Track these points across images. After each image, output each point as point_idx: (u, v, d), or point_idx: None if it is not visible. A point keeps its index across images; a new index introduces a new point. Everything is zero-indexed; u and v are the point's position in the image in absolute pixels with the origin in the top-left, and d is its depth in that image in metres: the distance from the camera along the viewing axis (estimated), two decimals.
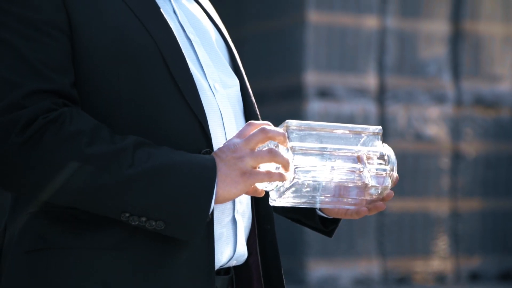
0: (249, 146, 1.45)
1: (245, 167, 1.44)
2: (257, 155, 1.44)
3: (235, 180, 1.44)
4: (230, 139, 1.47)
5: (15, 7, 1.45)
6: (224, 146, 1.46)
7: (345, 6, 5.87)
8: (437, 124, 6.11)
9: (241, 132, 1.47)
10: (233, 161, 1.44)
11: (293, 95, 5.97)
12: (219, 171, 1.44)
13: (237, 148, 1.44)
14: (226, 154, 1.45)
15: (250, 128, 1.47)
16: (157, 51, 1.50)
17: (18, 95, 1.43)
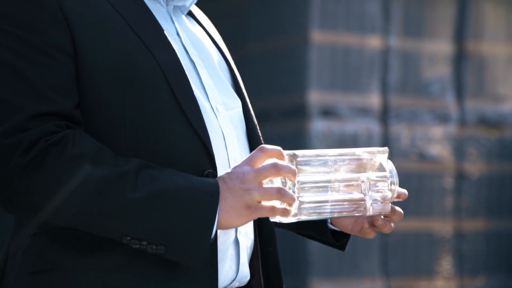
0: (259, 179, 1.44)
1: (251, 201, 1.44)
2: (265, 192, 1.43)
3: (239, 213, 1.44)
4: (240, 165, 1.45)
5: (19, 29, 1.46)
6: (232, 173, 1.45)
7: (348, 26, 5.89)
8: (441, 144, 6.10)
9: (252, 159, 1.45)
10: (240, 192, 1.43)
11: (296, 114, 5.98)
12: (224, 200, 1.44)
13: (246, 179, 1.43)
14: (234, 183, 1.44)
15: (261, 154, 1.45)
16: (161, 73, 1.50)
17: (21, 117, 1.43)
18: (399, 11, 6.02)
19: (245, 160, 1.46)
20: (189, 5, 1.67)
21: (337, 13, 5.92)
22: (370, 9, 5.96)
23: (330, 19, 5.88)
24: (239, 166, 1.46)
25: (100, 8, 1.52)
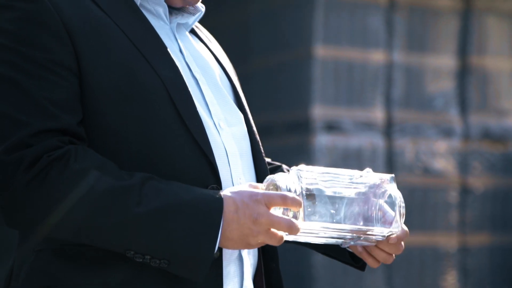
0: (270, 226, 1.45)
1: (255, 242, 1.45)
2: (271, 236, 1.44)
3: (238, 245, 1.46)
4: (256, 199, 1.45)
5: (23, 47, 1.47)
6: (247, 207, 1.45)
7: (352, 40, 5.90)
8: (445, 158, 6.09)
9: (271, 201, 1.45)
10: (247, 232, 1.44)
11: (300, 128, 5.98)
12: (229, 227, 1.44)
13: (259, 222, 1.44)
14: (246, 221, 1.44)
15: (280, 202, 1.46)
16: (164, 90, 1.51)
17: (24, 134, 1.44)
18: (402, 25, 6.02)
19: (262, 196, 1.45)
20: (192, 22, 1.68)
21: (341, 27, 5.93)
22: (374, 24, 5.97)
23: (333, 33, 5.89)
24: (255, 200, 1.45)
25: (104, 26, 1.52)
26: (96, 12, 1.53)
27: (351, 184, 1.48)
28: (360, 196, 1.47)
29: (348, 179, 1.48)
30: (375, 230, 1.47)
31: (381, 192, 1.48)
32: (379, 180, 1.48)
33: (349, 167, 5.93)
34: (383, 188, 1.48)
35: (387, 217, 1.49)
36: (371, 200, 1.47)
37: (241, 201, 1.45)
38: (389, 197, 1.49)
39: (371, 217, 1.47)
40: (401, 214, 1.49)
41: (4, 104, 1.46)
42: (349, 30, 5.94)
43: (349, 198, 1.46)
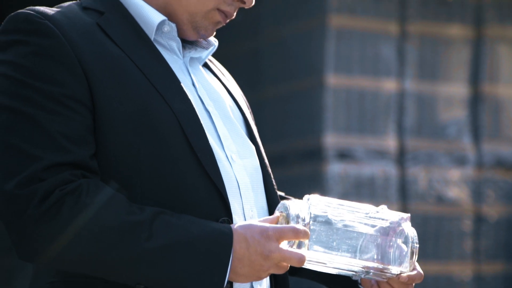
0: (281, 261, 1.46)
1: (265, 275, 1.46)
2: (286, 258, 1.45)
3: (248, 279, 1.46)
4: (267, 235, 1.45)
5: (38, 81, 1.48)
6: (259, 243, 1.45)
7: (363, 69, 5.91)
8: (459, 186, 6.07)
9: (282, 236, 1.46)
10: (258, 268, 1.45)
11: (313, 157, 5.97)
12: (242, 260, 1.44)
13: (270, 258, 1.44)
14: (257, 258, 1.45)
15: (292, 236, 1.46)
16: (177, 123, 1.52)
17: (37, 168, 1.44)
18: (414, 54, 6.03)
19: (273, 232, 1.46)
20: (205, 57, 1.70)
21: (352, 56, 5.94)
22: (385, 53, 5.98)
23: (344, 62, 5.90)
24: (265, 236, 1.45)
25: (118, 61, 1.54)
26: (111, 47, 1.54)
27: (367, 219, 1.47)
28: (376, 232, 1.46)
29: (364, 213, 1.48)
30: (387, 267, 1.47)
31: (399, 231, 1.47)
32: (397, 218, 1.48)
33: (362, 196, 5.92)
34: (400, 226, 1.47)
35: (402, 256, 1.48)
36: (388, 238, 1.46)
37: (252, 237, 1.45)
38: (405, 236, 1.49)
39: (386, 254, 1.46)
40: (414, 253, 1.48)
41: (18, 138, 1.47)
42: (360, 59, 5.96)
43: (362, 232, 1.46)
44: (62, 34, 1.51)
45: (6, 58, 1.50)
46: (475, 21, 6.12)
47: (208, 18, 1.61)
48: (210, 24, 1.62)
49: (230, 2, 1.61)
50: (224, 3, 1.61)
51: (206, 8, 1.60)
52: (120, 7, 1.61)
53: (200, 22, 1.61)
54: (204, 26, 1.62)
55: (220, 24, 1.64)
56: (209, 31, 1.63)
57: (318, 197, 1.49)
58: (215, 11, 1.61)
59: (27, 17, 1.51)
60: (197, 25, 1.61)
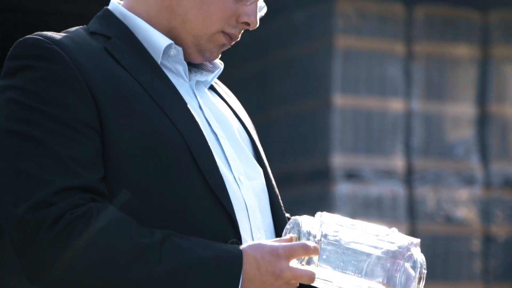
0: (292, 280, 1.46)
1: (280, 284, 1.46)
2: (297, 277, 1.45)
3: None
4: (277, 254, 1.46)
5: (47, 106, 1.49)
6: (269, 264, 1.45)
7: (370, 89, 5.91)
8: (467, 206, 6.05)
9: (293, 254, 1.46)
10: (271, 279, 1.45)
11: (320, 177, 5.97)
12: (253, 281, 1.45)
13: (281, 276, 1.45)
14: (268, 278, 1.45)
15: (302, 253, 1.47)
16: (185, 146, 1.53)
17: (47, 192, 1.45)
18: (420, 74, 6.04)
19: (283, 250, 1.46)
20: (211, 80, 1.70)
21: (359, 76, 5.95)
22: (392, 73, 5.99)
23: (351, 82, 5.91)
24: (276, 255, 1.46)
25: (126, 84, 1.54)
26: (118, 70, 1.55)
27: (377, 241, 1.47)
28: (385, 255, 1.46)
29: (375, 235, 1.48)
30: None
31: (408, 255, 1.47)
32: (407, 242, 1.48)
33: (370, 216, 5.90)
34: (409, 251, 1.47)
35: (409, 281, 1.48)
36: (396, 261, 1.46)
37: (262, 257, 1.45)
38: (413, 261, 1.48)
39: (392, 278, 1.46)
40: (422, 279, 1.48)
41: (28, 163, 1.47)
42: (367, 79, 5.96)
43: (371, 254, 1.46)
44: (70, 58, 1.52)
45: (15, 84, 1.51)
46: (481, 41, 6.13)
47: (213, 41, 1.62)
48: (215, 47, 1.63)
49: (234, 25, 1.61)
50: (228, 25, 1.61)
51: (210, 31, 1.61)
52: (127, 32, 1.62)
53: (205, 45, 1.62)
54: (209, 49, 1.62)
55: (225, 47, 1.64)
56: (214, 53, 1.63)
57: (329, 215, 1.49)
58: (219, 33, 1.61)
59: (35, 43, 1.52)
60: (202, 48, 1.62)
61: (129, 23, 1.62)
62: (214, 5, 1.60)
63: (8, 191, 1.47)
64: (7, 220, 1.47)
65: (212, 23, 1.60)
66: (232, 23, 1.61)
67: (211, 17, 1.60)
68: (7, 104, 1.50)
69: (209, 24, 1.60)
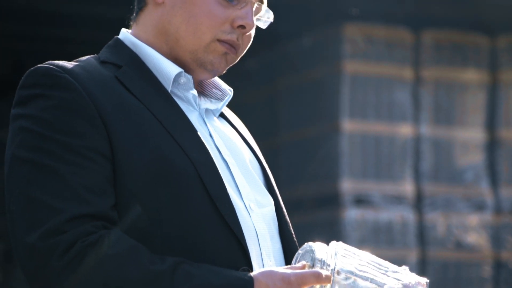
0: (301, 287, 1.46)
1: None
2: None
3: None
4: (289, 281, 1.46)
5: (59, 134, 1.49)
6: (278, 279, 1.45)
7: (378, 114, 5.91)
8: (477, 232, 6.02)
9: (304, 281, 1.46)
10: None
11: (329, 202, 5.96)
12: None
13: None
14: None
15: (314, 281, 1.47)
16: (196, 173, 1.53)
17: (59, 220, 1.46)
18: (429, 99, 6.04)
19: (295, 278, 1.46)
20: (221, 107, 1.70)
21: (367, 102, 5.96)
22: (400, 98, 5.99)
23: (360, 108, 5.91)
24: (287, 282, 1.45)
25: (137, 112, 1.55)
26: (129, 98, 1.56)
27: (386, 276, 1.46)
28: None
29: (384, 270, 1.47)
30: None
31: None
32: (414, 281, 1.47)
33: (380, 242, 5.87)
34: None
35: None
36: None
37: (274, 284, 1.45)
38: None
39: None
40: None
41: (40, 191, 1.48)
42: (375, 104, 5.97)
43: None
44: (82, 87, 1.53)
45: (27, 112, 1.52)
46: (490, 66, 6.13)
47: (210, 51, 1.60)
48: (216, 58, 1.61)
49: (229, 31, 1.60)
50: (222, 32, 1.59)
51: (204, 42, 1.60)
52: (138, 60, 1.63)
53: (204, 57, 1.61)
54: (209, 61, 1.61)
55: (230, 56, 1.62)
56: (217, 64, 1.62)
57: (344, 246, 1.49)
58: (215, 43, 1.60)
59: (47, 71, 1.53)
60: (201, 62, 1.61)
61: (139, 51, 1.63)
62: (200, 15, 1.59)
63: (20, 219, 1.48)
64: (19, 248, 1.48)
65: (202, 33, 1.59)
66: (227, 30, 1.60)
67: (201, 28, 1.59)
68: (19, 133, 1.51)
69: (200, 35, 1.59)
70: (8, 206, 1.50)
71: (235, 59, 1.63)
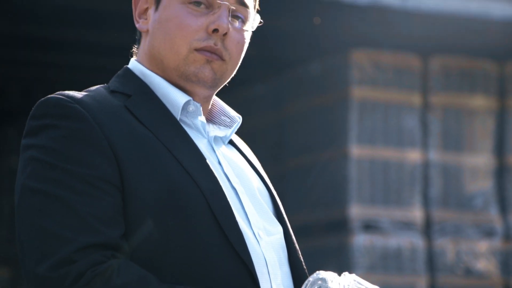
0: None
1: None
2: None
3: None
4: None
5: (69, 164, 1.50)
6: None
7: (387, 140, 5.91)
8: (487, 258, 6.00)
9: None
10: None
11: (338, 228, 5.94)
12: None
13: None
14: None
15: None
16: (205, 201, 1.53)
17: (69, 250, 1.46)
18: (437, 125, 6.03)
19: None
20: (230, 135, 1.70)
21: (375, 127, 5.96)
22: (408, 124, 5.99)
23: (368, 133, 5.91)
24: None
25: (146, 141, 1.55)
26: (138, 128, 1.56)
27: None
28: None
29: None
30: None
31: None
32: None
33: (389, 268, 5.84)
34: None
35: None
36: None
37: None
38: None
39: None
40: None
41: (50, 221, 1.48)
42: (384, 130, 5.96)
43: None
44: (92, 116, 1.53)
45: (38, 143, 1.52)
46: (498, 92, 6.13)
47: (190, 63, 1.60)
48: (198, 68, 1.60)
49: (204, 37, 1.59)
50: (197, 41, 1.59)
51: (181, 55, 1.60)
52: (147, 89, 1.63)
53: (186, 70, 1.61)
54: (192, 73, 1.60)
55: (214, 63, 1.61)
56: (201, 74, 1.61)
57: (355, 277, 1.48)
58: (193, 53, 1.60)
59: (58, 102, 1.54)
60: (185, 75, 1.61)
61: (148, 80, 1.64)
62: (173, 29, 1.60)
63: (30, 249, 1.48)
64: (29, 278, 1.48)
65: (178, 46, 1.59)
66: (202, 37, 1.59)
67: (175, 41, 1.59)
68: (30, 163, 1.52)
69: (177, 48, 1.60)
70: (19, 236, 1.51)
71: (224, 66, 1.62)
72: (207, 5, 1.60)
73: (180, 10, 1.60)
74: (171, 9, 1.60)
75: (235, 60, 1.62)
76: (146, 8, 1.65)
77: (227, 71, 1.63)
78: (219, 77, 1.62)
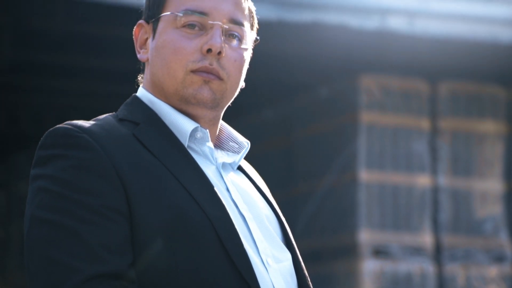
0: None
1: None
2: None
3: None
4: None
5: (77, 194, 1.50)
6: None
7: (396, 165, 5.90)
8: (497, 284, 5.96)
9: None
10: None
11: (347, 253, 5.92)
12: None
13: None
14: None
15: None
16: (212, 229, 1.53)
17: (77, 280, 1.46)
18: (446, 150, 6.03)
19: None
20: (238, 161, 1.70)
21: (384, 152, 5.95)
22: (417, 149, 5.98)
23: (377, 158, 5.90)
24: None
25: (154, 169, 1.56)
26: (146, 156, 1.57)
27: None
28: None
29: None
30: None
31: None
32: None
33: None
34: None
35: None
36: None
37: None
38: None
39: None
40: None
41: (58, 251, 1.49)
42: (392, 155, 5.96)
43: None
44: (100, 146, 1.54)
45: (46, 173, 1.53)
46: (507, 117, 6.12)
47: (187, 85, 1.61)
48: (196, 89, 1.61)
49: (199, 59, 1.60)
50: (192, 63, 1.60)
51: (178, 78, 1.61)
52: (155, 117, 1.64)
53: (184, 93, 1.61)
54: (190, 95, 1.61)
55: (212, 83, 1.61)
56: (199, 95, 1.61)
57: None
58: (189, 75, 1.61)
59: (66, 132, 1.55)
60: (185, 98, 1.61)
61: (156, 108, 1.64)
62: (169, 54, 1.61)
63: (39, 280, 1.48)
64: None
65: (174, 70, 1.60)
66: (197, 59, 1.60)
67: (171, 66, 1.60)
68: (38, 193, 1.52)
69: (173, 73, 1.61)
70: (28, 266, 1.51)
71: (223, 85, 1.62)
72: (200, 27, 1.61)
73: (175, 34, 1.61)
74: (166, 35, 1.62)
75: (235, 78, 1.63)
76: (146, 39, 1.66)
77: (227, 90, 1.63)
78: (220, 97, 1.62)
